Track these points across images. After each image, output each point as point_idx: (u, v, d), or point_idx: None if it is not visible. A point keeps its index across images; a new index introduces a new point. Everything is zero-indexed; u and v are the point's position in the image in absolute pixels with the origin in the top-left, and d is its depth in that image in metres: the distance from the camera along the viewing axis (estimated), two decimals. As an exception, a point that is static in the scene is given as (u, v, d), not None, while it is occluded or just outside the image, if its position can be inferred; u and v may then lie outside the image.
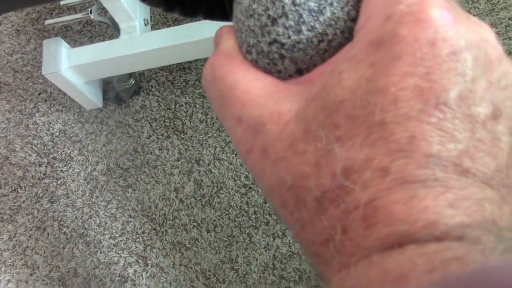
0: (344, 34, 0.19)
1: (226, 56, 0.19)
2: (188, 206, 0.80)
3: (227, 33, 0.20)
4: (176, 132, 0.83)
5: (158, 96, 0.85)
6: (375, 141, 0.15)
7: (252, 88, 0.18)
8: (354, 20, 0.19)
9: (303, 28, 0.18)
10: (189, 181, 0.80)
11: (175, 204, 0.80)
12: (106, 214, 0.82)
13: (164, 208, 0.80)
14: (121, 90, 0.83)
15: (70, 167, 0.86)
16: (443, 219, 0.14)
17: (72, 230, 0.83)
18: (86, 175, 0.85)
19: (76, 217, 0.83)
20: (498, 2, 0.81)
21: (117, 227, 0.82)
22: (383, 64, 0.15)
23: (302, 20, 0.18)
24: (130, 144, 0.84)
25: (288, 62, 0.18)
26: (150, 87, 0.86)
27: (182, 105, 0.83)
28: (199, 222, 0.79)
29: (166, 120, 0.83)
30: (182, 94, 0.84)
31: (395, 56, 0.15)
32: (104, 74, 0.81)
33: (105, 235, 0.82)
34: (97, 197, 0.84)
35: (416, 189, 0.14)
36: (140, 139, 0.84)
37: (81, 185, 0.85)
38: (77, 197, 0.84)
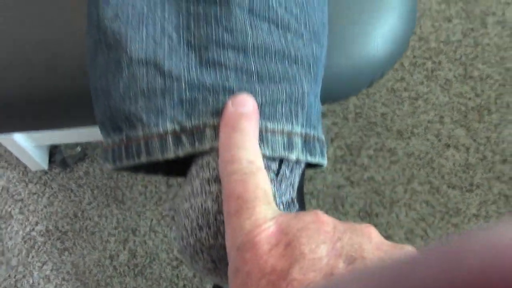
0: None
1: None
2: (121, 274, 0.90)
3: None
4: (116, 202, 0.94)
5: (102, 164, 0.96)
6: None
7: None
8: None
9: (219, 236, 0.28)
10: (124, 250, 0.91)
11: (109, 271, 0.91)
12: (40, 275, 0.92)
13: (98, 274, 0.91)
14: (67, 156, 0.94)
15: (9, 225, 0.96)
16: None
17: (5, 288, 0.92)
18: (24, 234, 0.95)
19: (9, 276, 0.93)
20: (419, 106, 0.98)
21: (50, 289, 0.91)
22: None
23: (220, 232, 0.28)
24: (71, 208, 0.95)
25: (206, 255, 0.28)
26: (95, 155, 0.97)
27: (124, 176, 0.95)
28: (130, 289, 0.89)
29: (108, 189, 0.95)
30: (126, 165, 0.96)
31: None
32: (54, 141, 0.92)
33: (37, 295, 0.91)
34: (32, 257, 0.93)
35: None
36: (81, 204, 0.95)
37: (18, 243, 0.94)
38: (13, 256, 0.94)
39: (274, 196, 0.29)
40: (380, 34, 0.50)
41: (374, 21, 0.50)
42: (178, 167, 0.35)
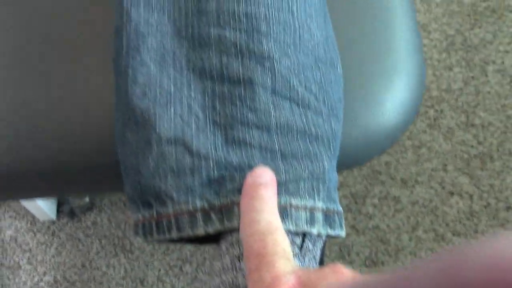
0: None
1: None
2: (129, 325, 0.91)
3: None
4: (124, 251, 0.95)
5: (109, 214, 0.98)
6: None
7: None
8: None
9: None
10: (132, 300, 0.93)
11: (116, 322, 0.92)
12: (48, 325, 0.93)
13: (105, 324, 0.92)
14: (75, 206, 0.96)
15: (16, 275, 0.97)
16: None
17: None
18: (32, 285, 0.96)
19: (17, 326, 0.94)
20: (422, 154, 1.00)
21: None
22: None
23: None
24: (79, 258, 0.96)
25: None
26: (103, 205, 0.99)
27: (131, 225, 0.97)
28: None
29: (115, 239, 0.96)
30: (133, 214, 0.98)
31: None
32: (61, 191, 0.94)
33: None
34: (40, 307, 0.94)
35: None
36: (89, 254, 0.96)
37: (26, 294, 0.95)
38: (21, 306, 0.95)
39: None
40: (391, 103, 0.51)
41: (384, 90, 0.51)
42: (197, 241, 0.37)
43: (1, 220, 1.00)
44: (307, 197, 0.33)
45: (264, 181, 0.30)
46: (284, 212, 0.32)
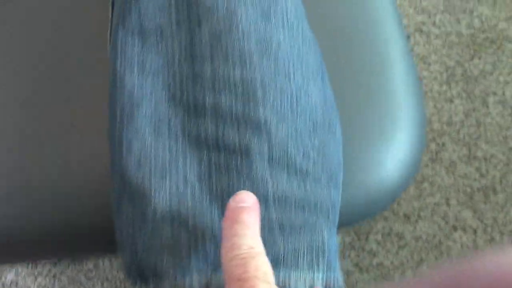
0: None
1: None
2: None
3: None
4: (126, 294, 0.95)
5: (111, 257, 0.98)
6: None
7: None
8: None
9: None
10: None
11: None
12: None
13: None
14: (76, 249, 0.96)
15: (18, 319, 0.96)
16: None
17: None
18: (33, 329, 0.95)
19: None
20: (425, 188, 1.00)
21: None
22: None
23: None
24: (80, 302, 0.96)
25: None
26: (104, 247, 0.99)
27: (134, 268, 0.97)
28: None
29: (117, 281, 0.96)
30: (135, 256, 0.97)
31: None
32: (61, 235, 0.94)
33: None
34: None
35: None
36: (91, 297, 0.96)
37: (27, 339, 0.95)
38: None
39: None
40: (391, 161, 0.51)
41: (385, 148, 0.51)
42: None
43: (1, 264, 1.00)
44: (306, 269, 0.33)
45: (246, 206, 0.30)
46: (283, 285, 0.32)
